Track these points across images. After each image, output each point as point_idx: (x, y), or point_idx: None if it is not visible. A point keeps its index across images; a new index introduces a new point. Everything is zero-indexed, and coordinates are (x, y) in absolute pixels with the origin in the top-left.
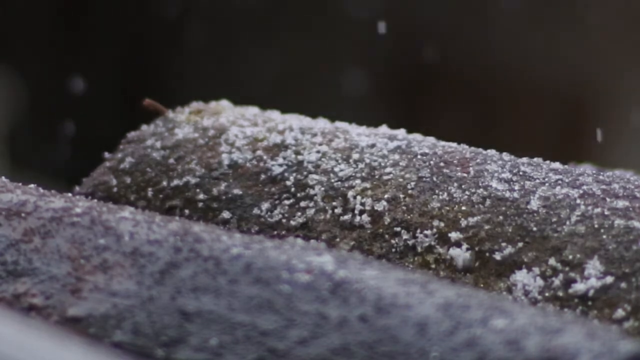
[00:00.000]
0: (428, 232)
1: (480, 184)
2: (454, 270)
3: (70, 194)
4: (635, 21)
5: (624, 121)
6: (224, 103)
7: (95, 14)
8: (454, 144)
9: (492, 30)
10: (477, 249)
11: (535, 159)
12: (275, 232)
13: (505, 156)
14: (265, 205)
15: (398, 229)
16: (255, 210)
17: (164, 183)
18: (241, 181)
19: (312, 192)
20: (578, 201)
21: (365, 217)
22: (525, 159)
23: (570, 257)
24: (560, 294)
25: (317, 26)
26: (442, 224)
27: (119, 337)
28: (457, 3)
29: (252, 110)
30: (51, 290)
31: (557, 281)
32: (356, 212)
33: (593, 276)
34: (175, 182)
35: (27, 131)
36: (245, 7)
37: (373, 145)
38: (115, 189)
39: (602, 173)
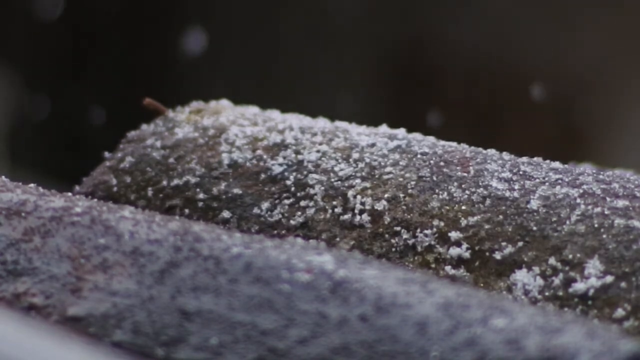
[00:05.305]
0: (428, 231)
1: (480, 184)
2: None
3: (70, 194)
4: (635, 21)
5: (624, 121)
6: (224, 103)
7: (97, 14)
8: (454, 144)
9: (491, 30)
10: (477, 248)
11: (535, 159)
12: (275, 232)
13: (505, 155)
14: (265, 205)
15: (398, 228)
16: (255, 210)
17: (164, 182)
18: (241, 180)
19: (312, 191)
20: (578, 200)
21: (365, 217)
22: (525, 159)
23: (570, 256)
24: (560, 293)
25: (317, 28)
26: (442, 224)
27: (119, 337)
28: (458, 4)
29: (252, 110)
30: (51, 290)
31: (557, 280)
32: (356, 211)
33: (593, 275)
34: (175, 181)
35: (27, 131)
36: (246, 9)
37: (373, 145)
38: (115, 189)
39: (602, 173)
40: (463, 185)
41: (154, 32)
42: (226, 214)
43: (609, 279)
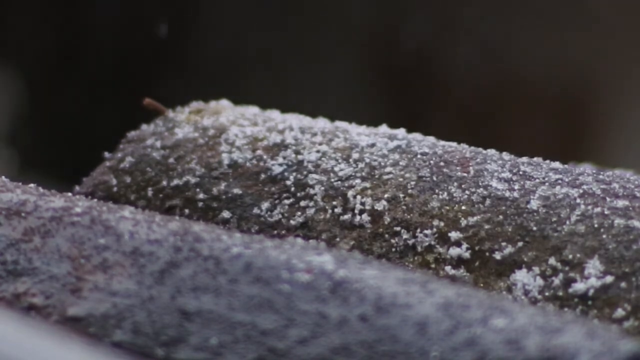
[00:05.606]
0: (428, 231)
1: (480, 184)
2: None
3: (70, 194)
4: (635, 21)
5: (624, 121)
6: (224, 103)
7: (96, 15)
8: (454, 144)
9: (492, 29)
10: (477, 248)
11: (535, 159)
12: (275, 232)
13: (505, 156)
14: (265, 205)
15: (398, 228)
16: (255, 210)
17: (164, 183)
18: (241, 181)
19: (312, 191)
20: (578, 201)
21: (365, 217)
22: (525, 159)
23: (570, 256)
24: (560, 293)
25: (313, 24)
26: (442, 224)
27: (119, 337)
28: (457, 2)
29: (252, 110)
30: (51, 290)
31: (557, 281)
32: (356, 211)
33: (593, 276)
34: (175, 181)
35: (27, 131)
36: (242, 6)
37: (373, 145)
38: (115, 189)
39: (602, 173)
40: (463, 185)
41: (153, 32)
42: (226, 214)
43: (609, 279)
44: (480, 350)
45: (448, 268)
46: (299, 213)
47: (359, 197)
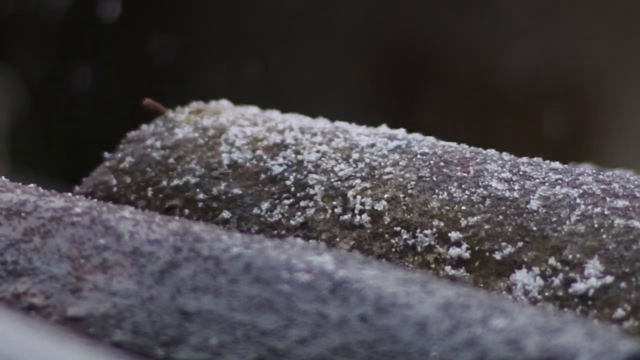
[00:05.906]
0: (428, 231)
1: (480, 184)
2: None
3: (70, 194)
4: (636, 20)
5: (624, 121)
6: (224, 103)
7: (98, 15)
8: (454, 144)
9: (491, 29)
10: (477, 248)
11: (535, 159)
12: (275, 232)
13: (505, 156)
14: (265, 205)
15: (398, 228)
16: (255, 210)
17: (164, 183)
18: (241, 181)
19: (312, 191)
20: (578, 201)
21: (365, 217)
22: (525, 159)
23: (570, 256)
24: (560, 293)
25: (315, 26)
26: (442, 224)
27: (119, 337)
28: (457, 2)
29: (252, 110)
30: (51, 290)
31: (557, 281)
32: (356, 211)
33: (593, 276)
34: (175, 181)
35: (27, 131)
36: (243, 9)
37: (373, 145)
38: (115, 189)
39: (602, 173)
40: (463, 186)
41: (153, 32)
42: (226, 214)
43: (609, 279)
44: (480, 350)
45: (448, 268)
46: (299, 213)
47: (359, 197)
